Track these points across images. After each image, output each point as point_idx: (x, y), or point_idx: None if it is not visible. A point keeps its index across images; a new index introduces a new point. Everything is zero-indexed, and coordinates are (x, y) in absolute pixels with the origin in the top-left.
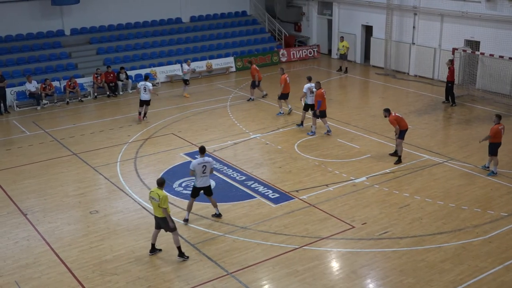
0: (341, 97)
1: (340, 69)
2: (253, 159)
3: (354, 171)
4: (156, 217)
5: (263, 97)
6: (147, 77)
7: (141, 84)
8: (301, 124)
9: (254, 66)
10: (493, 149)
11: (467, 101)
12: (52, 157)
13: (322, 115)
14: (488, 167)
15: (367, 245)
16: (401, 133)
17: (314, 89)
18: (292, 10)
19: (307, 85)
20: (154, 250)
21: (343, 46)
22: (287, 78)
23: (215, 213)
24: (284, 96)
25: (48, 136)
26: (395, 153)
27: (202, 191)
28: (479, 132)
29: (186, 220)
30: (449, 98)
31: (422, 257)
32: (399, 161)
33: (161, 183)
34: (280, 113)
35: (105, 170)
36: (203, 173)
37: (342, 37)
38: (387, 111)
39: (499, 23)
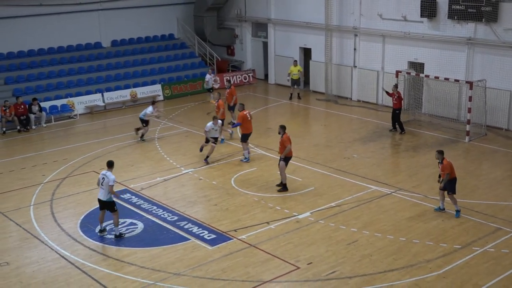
0: None
1: (291, 97)
2: (186, 197)
3: (297, 206)
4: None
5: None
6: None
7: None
8: (207, 158)
9: (234, 87)
10: (454, 185)
11: (414, 126)
12: None
13: (244, 138)
14: (444, 209)
15: (314, 287)
16: (287, 159)
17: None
18: (224, 33)
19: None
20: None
21: (298, 70)
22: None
23: (115, 234)
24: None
25: None
26: (282, 184)
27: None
28: (428, 159)
29: (101, 231)
30: (396, 125)
31: None
32: (284, 189)
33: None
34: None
35: (17, 215)
36: (101, 184)
37: (296, 60)
38: (283, 129)
39: (443, 44)
